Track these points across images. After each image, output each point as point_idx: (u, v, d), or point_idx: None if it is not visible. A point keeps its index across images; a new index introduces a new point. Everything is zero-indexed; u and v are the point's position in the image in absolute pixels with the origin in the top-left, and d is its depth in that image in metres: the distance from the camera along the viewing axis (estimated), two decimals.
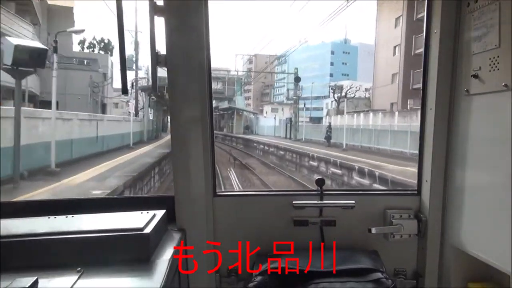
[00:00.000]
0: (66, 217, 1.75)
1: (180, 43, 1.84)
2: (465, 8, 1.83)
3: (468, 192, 1.87)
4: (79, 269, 1.39)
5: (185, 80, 1.88)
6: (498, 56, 1.63)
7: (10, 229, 1.57)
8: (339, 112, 44.15)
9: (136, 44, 31.92)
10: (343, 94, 47.08)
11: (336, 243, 2.05)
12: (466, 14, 1.83)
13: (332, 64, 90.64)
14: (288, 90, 42.77)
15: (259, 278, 1.74)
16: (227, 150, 32.55)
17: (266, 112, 68.71)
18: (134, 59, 32.77)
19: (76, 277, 1.35)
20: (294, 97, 40.05)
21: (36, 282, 1.24)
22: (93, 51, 48.06)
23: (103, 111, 32.10)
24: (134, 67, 32.46)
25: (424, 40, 2.03)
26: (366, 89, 48.46)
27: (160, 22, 1.80)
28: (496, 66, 1.64)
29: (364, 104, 44.17)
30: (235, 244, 2.07)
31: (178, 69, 1.87)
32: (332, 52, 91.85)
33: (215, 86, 45.31)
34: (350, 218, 2.06)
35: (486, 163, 1.75)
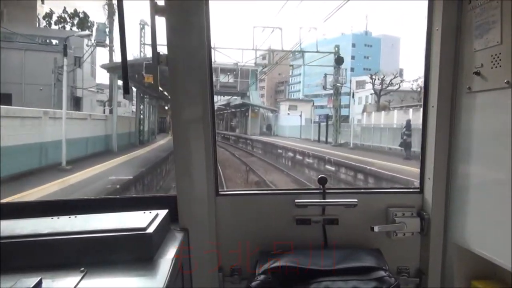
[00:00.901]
0: (69, 217, 1.76)
1: (181, 42, 1.85)
2: (467, 5, 1.83)
3: (470, 189, 1.87)
4: (82, 269, 1.40)
5: (187, 80, 1.89)
6: (500, 53, 1.62)
7: (13, 229, 1.58)
8: (380, 107, 39.25)
9: (111, 9, 25.19)
10: (387, 83, 40.54)
11: (339, 242, 2.06)
12: (467, 11, 1.83)
13: (353, 58, 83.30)
14: (325, 76, 31.79)
15: (262, 277, 1.74)
16: (242, 159, 26.47)
17: (289, 109, 57.51)
18: (107, 30, 25.27)
19: (80, 277, 1.36)
20: (337, 85, 29.56)
21: (40, 282, 1.25)
22: (63, 27, 39.25)
23: (76, 106, 24.97)
24: (108, 41, 25.18)
25: (425, 38, 2.02)
26: (414, 80, 40.95)
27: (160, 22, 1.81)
28: (498, 63, 1.64)
29: (412, 97, 39.19)
30: (237, 243, 2.08)
31: (179, 69, 1.87)
32: (354, 45, 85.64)
33: (226, 79, 41.35)
34: (353, 216, 2.06)
35: (488, 160, 1.75)
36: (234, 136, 47.72)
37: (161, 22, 1.83)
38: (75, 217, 1.77)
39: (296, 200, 2.03)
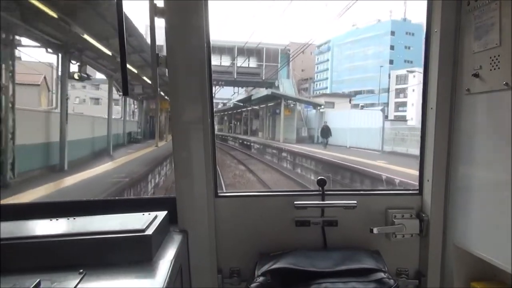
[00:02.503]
0: (68, 219, 1.76)
1: (181, 44, 1.85)
2: (466, 7, 1.83)
3: (470, 191, 1.87)
4: (81, 271, 1.40)
5: (186, 81, 1.90)
6: (499, 55, 1.63)
7: (12, 231, 1.58)
8: None
9: None
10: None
11: (338, 243, 2.07)
12: (466, 13, 1.83)
13: (392, 48, 72.69)
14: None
15: (261, 278, 1.74)
16: None
17: (323, 106, 35.48)
18: None
19: (79, 279, 1.36)
20: None
21: (38, 284, 1.25)
22: None
23: None
24: None
25: (424, 39, 2.03)
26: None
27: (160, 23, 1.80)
28: (497, 65, 1.64)
29: None
30: (237, 244, 2.09)
31: (178, 70, 1.88)
32: (393, 33, 73.29)
33: (245, 63, 32.78)
34: (352, 218, 2.07)
35: (487, 162, 1.75)
36: (258, 144, 32.97)
37: (160, 23, 1.82)
38: (74, 218, 1.78)
39: (295, 202, 2.04)
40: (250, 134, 43.67)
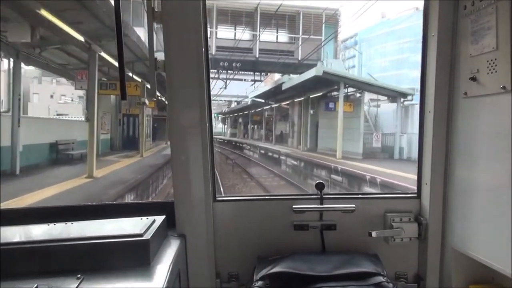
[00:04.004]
0: (66, 224, 1.76)
1: (179, 48, 1.86)
2: (462, 10, 1.84)
3: (468, 194, 1.87)
4: (79, 276, 1.39)
5: (184, 85, 1.90)
6: (495, 59, 1.64)
7: (10, 236, 1.57)
8: None
9: None
10: None
11: (337, 247, 2.07)
12: (463, 16, 1.84)
13: None
14: None
15: (259, 283, 1.74)
16: None
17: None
18: None
19: (76, 284, 1.35)
20: None
21: None
22: None
23: None
24: None
25: (421, 43, 2.04)
26: None
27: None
28: (494, 69, 1.65)
29: None
30: (235, 249, 2.09)
31: (177, 74, 1.88)
32: None
33: (273, 37, 23.32)
34: (350, 222, 2.07)
35: (485, 165, 1.76)
36: (294, 158, 22.24)
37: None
38: (72, 223, 1.77)
39: (293, 206, 2.04)
40: (276, 141, 32.80)
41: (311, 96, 24.38)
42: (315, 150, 24.15)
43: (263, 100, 33.41)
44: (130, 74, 17.33)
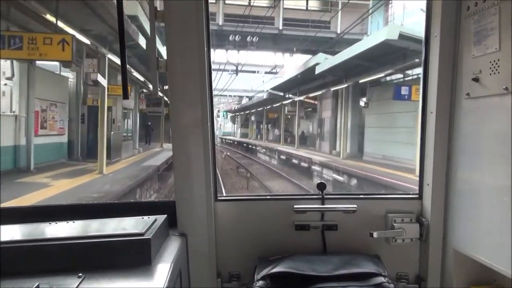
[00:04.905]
0: (67, 222, 1.75)
1: (181, 48, 1.86)
2: (465, 11, 1.84)
3: (470, 195, 1.87)
4: (80, 274, 1.39)
5: (186, 85, 1.90)
6: (498, 60, 1.63)
7: (11, 234, 1.58)
8: None
9: None
10: None
11: (338, 247, 2.07)
12: (466, 17, 1.84)
13: None
14: None
15: (260, 282, 1.74)
16: None
17: None
18: None
19: (78, 282, 1.35)
20: None
21: None
22: None
23: None
24: None
25: (424, 44, 2.04)
26: None
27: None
28: (496, 70, 1.64)
29: None
30: (236, 248, 2.09)
31: (179, 74, 1.88)
32: None
33: (302, 7, 18.20)
34: (352, 222, 2.07)
35: (487, 166, 1.75)
36: (342, 174, 15.85)
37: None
38: (73, 222, 1.77)
39: (295, 206, 2.04)
40: (298, 145, 26.78)
41: (359, 82, 17.65)
42: (359, 158, 17.95)
43: (281, 94, 27.68)
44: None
